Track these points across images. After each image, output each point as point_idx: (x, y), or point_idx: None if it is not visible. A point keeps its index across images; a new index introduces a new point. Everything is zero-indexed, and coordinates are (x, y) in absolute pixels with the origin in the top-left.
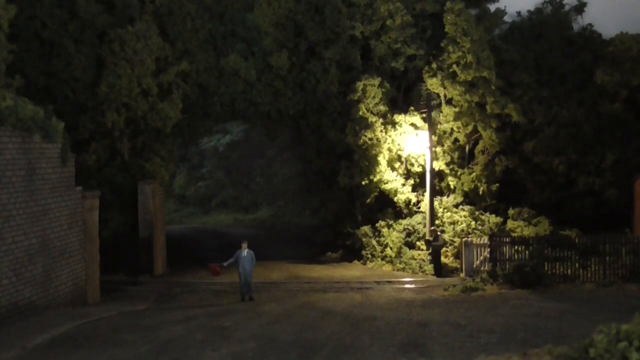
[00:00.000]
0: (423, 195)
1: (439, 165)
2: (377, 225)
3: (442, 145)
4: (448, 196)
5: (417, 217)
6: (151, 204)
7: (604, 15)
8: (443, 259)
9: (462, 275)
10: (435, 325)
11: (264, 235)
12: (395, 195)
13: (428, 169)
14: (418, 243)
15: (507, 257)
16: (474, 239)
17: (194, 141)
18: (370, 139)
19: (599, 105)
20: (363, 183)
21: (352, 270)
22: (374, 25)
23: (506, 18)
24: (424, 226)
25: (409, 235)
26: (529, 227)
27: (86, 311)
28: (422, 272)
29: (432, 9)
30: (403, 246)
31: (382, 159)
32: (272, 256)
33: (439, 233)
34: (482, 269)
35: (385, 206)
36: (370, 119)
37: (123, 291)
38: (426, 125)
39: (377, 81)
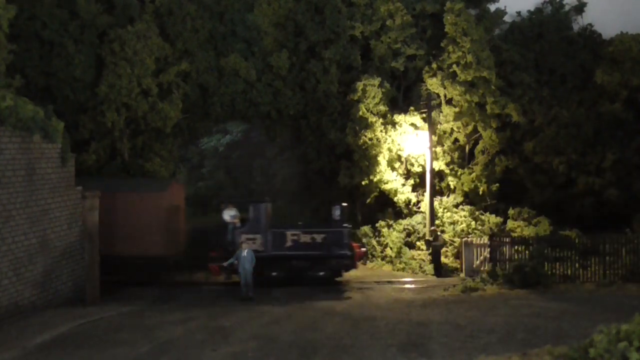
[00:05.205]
0: (423, 195)
1: (439, 165)
2: (377, 225)
3: (442, 145)
4: (448, 196)
5: (417, 217)
6: None
7: (604, 15)
8: (443, 259)
9: (462, 275)
10: (435, 325)
11: None
12: (395, 196)
13: (428, 169)
14: (418, 243)
15: (507, 257)
16: (474, 239)
17: (194, 141)
18: (370, 139)
19: (599, 105)
20: (363, 183)
21: (352, 270)
22: (374, 25)
23: (506, 18)
24: (424, 226)
25: (408, 235)
26: (529, 227)
27: (86, 311)
28: (422, 272)
29: (432, 9)
30: (403, 246)
31: (382, 159)
32: None
33: (439, 233)
34: (482, 269)
35: (385, 206)
36: (370, 119)
37: (123, 291)
38: (426, 125)
39: (377, 81)
